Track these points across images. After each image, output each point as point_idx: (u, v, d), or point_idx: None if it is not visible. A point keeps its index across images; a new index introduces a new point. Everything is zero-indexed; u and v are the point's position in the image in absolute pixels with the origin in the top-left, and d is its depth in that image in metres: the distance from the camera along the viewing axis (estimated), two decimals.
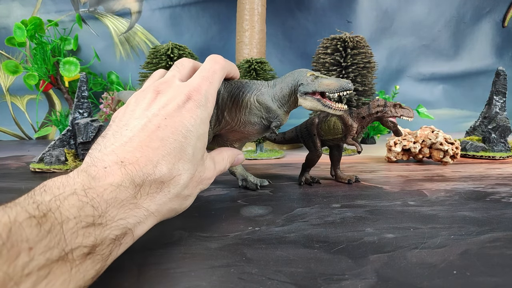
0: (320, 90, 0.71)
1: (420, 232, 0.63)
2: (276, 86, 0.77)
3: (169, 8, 2.55)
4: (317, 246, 0.57)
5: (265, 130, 0.80)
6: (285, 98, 0.77)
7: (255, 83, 0.78)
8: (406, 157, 1.37)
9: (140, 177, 0.47)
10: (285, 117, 0.79)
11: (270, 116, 0.77)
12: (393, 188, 0.97)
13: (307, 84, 0.73)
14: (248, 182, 0.95)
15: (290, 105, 0.78)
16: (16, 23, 2.01)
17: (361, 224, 0.68)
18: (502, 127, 1.51)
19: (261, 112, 0.76)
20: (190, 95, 0.58)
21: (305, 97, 0.73)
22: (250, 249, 0.56)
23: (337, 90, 0.69)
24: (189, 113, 0.56)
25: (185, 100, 0.57)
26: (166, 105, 0.56)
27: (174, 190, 0.52)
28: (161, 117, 0.54)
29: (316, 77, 0.73)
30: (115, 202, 0.43)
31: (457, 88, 2.84)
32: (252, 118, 0.77)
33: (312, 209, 0.77)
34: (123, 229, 0.44)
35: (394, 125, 0.95)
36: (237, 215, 0.74)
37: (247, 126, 0.78)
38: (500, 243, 0.58)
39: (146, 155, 0.50)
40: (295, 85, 0.75)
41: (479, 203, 0.82)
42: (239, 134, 0.80)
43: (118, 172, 0.46)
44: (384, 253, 0.55)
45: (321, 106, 0.72)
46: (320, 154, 1.01)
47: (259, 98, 0.75)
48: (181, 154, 0.53)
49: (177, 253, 0.55)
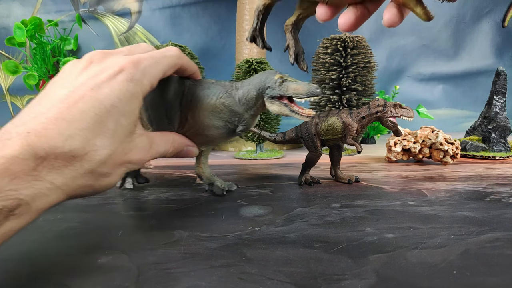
0: (287, 94, 0.68)
1: (420, 232, 0.63)
2: (243, 88, 0.73)
3: (169, 8, 2.55)
4: (317, 246, 0.57)
5: (231, 135, 0.77)
6: (252, 101, 0.73)
7: (221, 85, 0.75)
8: (406, 157, 1.37)
9: (44, 150, 0.46)
10: (252, 121, 0.76)
11: (236, 120, 0.74)
12: (393, 188, 0.97)
13: (274, 87, 0.70)
14: (214, 186, 0.90)
15: (258, 108, 0.74)
16: (16, 23, 2.01)
17: (361, 224, 0.68)
18: (502, 127, 1.51)
19: (226, 116, 0.73)
20: (124, 67, 0.54)
21: (272, 101, 0.70)
22: (250, 249, 0.56)
23: (304, 95, 0.66)
24: (119, 85, 0.52)
25: (117, 72, 0.53)
26: (95, 76, 0.53)
27: (87, 166, 0.50)
28: (87, 87, 0.51)
29: (284, 81, 0.69)
30: (5, 173, 0.43)
31: (457, 88, 2.84)
32: (216, 121, 0.73)
33: (312, 209, 0.77)
34: (14, 200, 0.44)
35: (394, 125, 0.95)
36: (237, 215, 0.74)
37: (211, 130, 0.74)
38: (500, 243, 0.58)
39: (58, 127, 0.47)
40: (262, 88, 0.71)
41: (479, 203, 0.82)
42: (203, 137, 0.76)
43: (18, 143, 0.45)
44: (384, 253, 0.55)
45: (288, 111, 0.69)
46: (320, 154, 1.01)
47: (223, 101, 0.72)
48: (101, 129, 0.50)
49: (177, 253, 0.55)
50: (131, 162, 0.57)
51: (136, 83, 0.55)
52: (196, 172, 0.91)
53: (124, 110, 0.53)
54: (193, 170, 1.23)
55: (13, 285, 0.46)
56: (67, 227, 0.67)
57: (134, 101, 0.55)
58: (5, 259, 0.54)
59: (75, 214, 0.76)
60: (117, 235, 0.63)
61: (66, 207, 0.80)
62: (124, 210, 0.78)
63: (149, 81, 0.58)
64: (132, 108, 0.55)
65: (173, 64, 0.64)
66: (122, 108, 0.53)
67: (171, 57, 0.63)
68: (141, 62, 0.57)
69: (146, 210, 0.78)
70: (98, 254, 0.55)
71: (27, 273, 0.49)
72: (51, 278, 0.47)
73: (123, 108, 0.53)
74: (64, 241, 0.61)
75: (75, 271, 0.49)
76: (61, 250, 0.57)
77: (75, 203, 0.83)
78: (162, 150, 0.65)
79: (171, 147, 0.67)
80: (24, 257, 0.54)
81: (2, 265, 0.52)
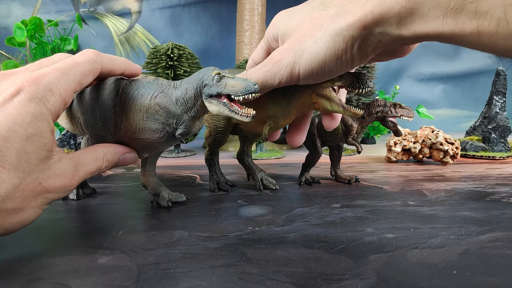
0: (225, 92, 0.62)
1: (420, 232, 0.63)
2: (181, 87, 0.68)
3: (169, 8, 2.55)
4: (317, 246, 0.57)
5: (171, 139, 0.71)
6: (191, 101, 0.67)
7: (158, 83, 0.69)
8: (406, 157, 1.37)
9: None
10: (192, 123, 0.69)
11: (174, 122, 0.68)
12: (393, 188, 0.97)
13: (212, 85, 0.63)
14: (160, 198, 0.82)
15: (199, 109, 0.68)
16: (16, 23, 2.01)
17: (361, 224, 0.68)
18: (502, 127, 1.51)
19: (162, 117, 0.67)
20: (22, 86, 0.48)
21: (210, 101, 0.64)
22: (250, 249, 0.56)
23: (242, 92, 0.61)
24: (16, 108, 0.47)
25: (13, 94, 0.48)
26: None
27: None
28: None
29: (222, 77, 0.64)
30: None
31: (457, 88, 2.85)
32: (152, 124, 0.67)
33: (312, 209, 0.77)
34: None
35: (394, 125, 0.95)
36: (237, 215, 0.74)
37: (148, 133, 0.68)
38: (500, 243, 0.58)
39: None
40: (200, 86, 0.65)
41: (479, 203, 0.82)
42: (141, 142, 0.70)
43: None
44: (384, 253, 0.55)
45: (228, 111, 0.63)
46: (320, 154, 1.01)
47: (159, 101, 0.66)
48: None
49: (177, 253, 0.55)
50: (50, 191, 0.51)
51: (38, 102, 0.49)
52: (141, 181, 0.83)
53: (27, 135, 0.47)
54: (194, 170, 1.23)
55: (13, 285, 0.46)
56: (67, 227, 0.67)
57: (40, 123, 0.49)
58: (4, 259, 0.54)
59: (76, 214, 0.76)
60: (117, 235, 0.63)
61: (66, 207, 0.80)
62: (124, 210, 0.78)
63: (59, 97, 0.52)
64: (39, 130, 0.49)
65: (88, 71, 0.57)
66: (23, 133, 0.47)
67: (84, 64, 0.57)
68: (43, 78, 0.51)
69: (146, 210, 0.78)
70: (98, 254, 0.55)
71: (27, 273, 0.49)
72: (52, 278, 0.47)
73: (25, 132, 0.47)
74: (64, 241, 0.61)
75: (76, 271, 0.49)
76: (61, 250, 0.57)
77: (75, 204, 0.83)
78: (92, 169, 0.59)
79: (104, 161, 0.62)
80: (24, 257, 0.54)
81: (2, 266, 0.52)
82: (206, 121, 0.92)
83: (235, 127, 0.90)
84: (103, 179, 1.11)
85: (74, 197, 0.86)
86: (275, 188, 0.96)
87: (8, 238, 0.60)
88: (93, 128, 0.71)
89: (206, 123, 0.93)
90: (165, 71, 1.53)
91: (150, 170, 0.83)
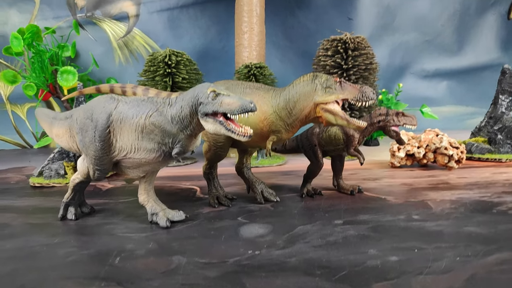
0: (221, 110, 0.61)
1: (425, 253, 0.62)
2: (176, 105, 0.66)
3: (167, 11, 2.52)
4: (318, 274, 0.56)
5: (168, 158, 0.69)
6: (187, 119, 0.65)
7: (152, 102, 0.68)
8: (410, 162, 1.35)
9: None
10: (189, 142, 0.68)
11: (170, 142, 0.66)
12: (397, 199, 0.95)
13: (207, 103, 0.62)
14: (159, 217, 0.78)
15: (195, 128, 0.66)
16: (13, 32, 1.99)
17: (364, 244, 0.66)
18: (508, 128, 1.47)
19: (157, 137, 0.66)
20: None
21: (206, 119, 0.63)
22: (249, 277, 0.55)
23: (238, 111, 0.60)
24: None
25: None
26: None
27: None
28: None
29: (217, 95, 0.62)
30: None
31: (462, 84, 2.79)
32: (147, 143, 0.66)
33: (313, 227, 0.76)
34: None
35: (397, 134, 0.93)
36: (237, 236, 0.72)
37: (144, 153, 0.67)
38: (507, 266, 0.56)
39: None
40: (195, 104, 0.64)
41: (485, 216, 0.80)
42: (138, 162, 0.69)
43: None
44: (388, 280, 0.53)
45: (224, 130, 0.62)
46: (322, 165, 0.99)
47: (153, 120, 0.65)
48: None
49: (175, 283, 0.54)
50: None
51: None
52: (139, 201, 0.81)
53: None
54: (194, 181, 1.22)
55: None
56: (63, 254, 0.66)
57: None
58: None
59: (73, 237, 0.75)
60: (114, 262, 0.62)
61: (64, 229, 0.79)
62: (122, 231, 0.77)
63: None
64: None
65: None
66: None
67: None
68: None
69: (144, 231, 0.77)
70: (94, 286, 0.54)
71: None
72: None
73: None
74: (60, 270, 0.60)
75: None
76: (57, 282, 0.56)
77: (74, 225, 0.82)
78: None
79: None
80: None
81: None
82: (205, 135, 0.90)
83: (235, 141, 0.88)
84: (102, 194, 1.10)
85: (73, 217, 0.85)
86: (276, 200, 0.95)
87: (3, 269, 0.59)
88: (88, 148, 0.70)
89: (205, 138, 0.91)
90: (163, 79, 1.51)
91: (148, 188, 0.81)
